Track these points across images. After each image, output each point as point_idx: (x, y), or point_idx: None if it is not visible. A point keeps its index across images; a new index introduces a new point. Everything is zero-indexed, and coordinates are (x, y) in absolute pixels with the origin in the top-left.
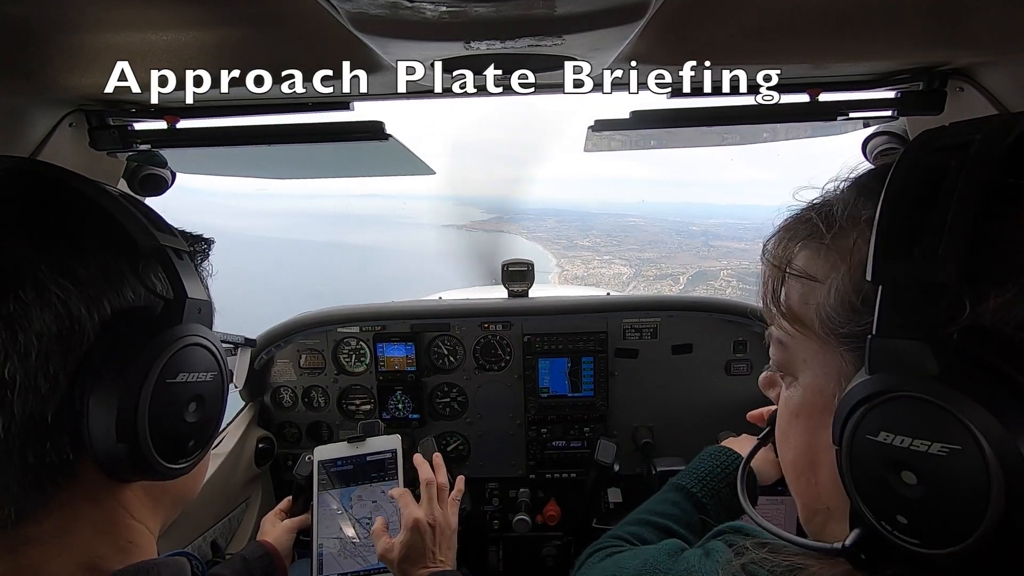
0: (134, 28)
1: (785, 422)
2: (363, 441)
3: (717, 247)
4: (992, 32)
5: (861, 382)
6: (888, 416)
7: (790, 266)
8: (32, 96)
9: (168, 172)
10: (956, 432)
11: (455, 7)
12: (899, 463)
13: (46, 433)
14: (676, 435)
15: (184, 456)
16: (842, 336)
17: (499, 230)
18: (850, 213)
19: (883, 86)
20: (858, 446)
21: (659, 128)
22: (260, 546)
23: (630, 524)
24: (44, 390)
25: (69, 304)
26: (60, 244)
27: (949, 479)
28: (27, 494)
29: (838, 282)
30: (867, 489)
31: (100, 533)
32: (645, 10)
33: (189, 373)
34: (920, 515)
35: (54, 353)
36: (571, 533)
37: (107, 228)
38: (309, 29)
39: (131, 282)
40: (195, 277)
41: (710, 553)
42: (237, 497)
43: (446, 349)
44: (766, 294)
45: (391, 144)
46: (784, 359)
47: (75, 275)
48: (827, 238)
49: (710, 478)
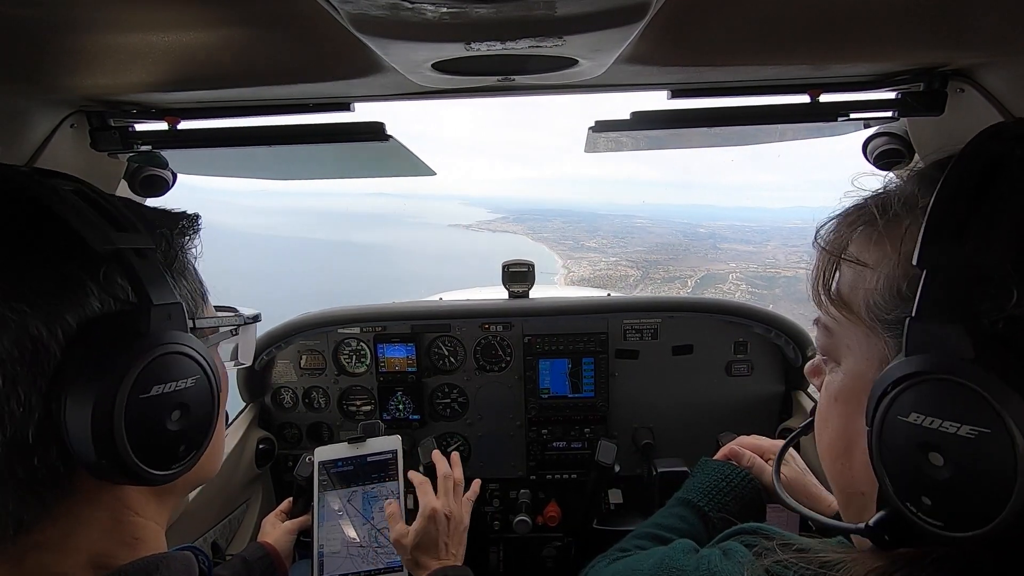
0: (135, 29)
1: (825, 406)
2: (364, 442)
3: (725, 250)
4: (993, 33)
5: (896, 363)
6: (920, 397)
7: (844, 252)
8: (33, 97)
9: (169, 173)
10: (986, 415)
11: (455, 8)
12: (927, 444)
13: (31, 451)
14: (677, 436)
15: (176, 461)
16: (887, 323)
17: (505, 230)
18: (907, 200)
19: (883, 87)
20: (889, 426)
21: (660, 129)
22: (260, 547)
23: (637, 537)
24: (19, 414)
25: (27, 326)
26: (10, 262)
27: (975, 462)
28: (25, 507)
29: (888, 269)
30: (895, 469)
31: (105, 533)
32: (646, 11)
33: (165, 384)
34: (944, 497)
35: (21, 377)
36: (571, 534)
37: (60, 235)
38: (310, 30)
39: (93, 291)
40: (161, 276)
41: (729, 553)
42: (237, 498)
43: (447, 350)
44: (817, 280)
45: (392, 145)
46: (829, 344)
47: (31, 294)
48: (880, 224)
49: (715, 492)
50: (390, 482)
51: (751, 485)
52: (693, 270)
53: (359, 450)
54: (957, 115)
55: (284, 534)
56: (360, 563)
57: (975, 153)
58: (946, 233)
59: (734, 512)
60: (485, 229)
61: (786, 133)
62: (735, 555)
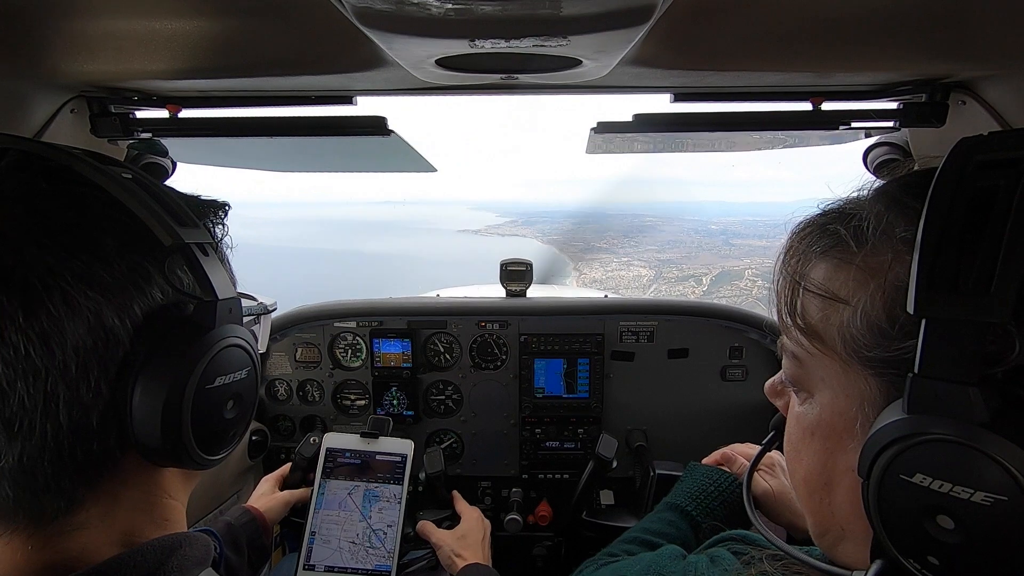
0: (138, 15)
1: (797, 439)
2: (376, 439)
3: (738, 245)
4: (995, 46)
5: (898, 420)
6: (926, 459)
7: (808, 279)
8: (34, 81)
9: (169, 161)
10: (1004, 482)
11: (461, 4)
12: (936, 507)
13: (93, 436)
14: (670, 439)
15: (225, 447)
16: (867, 360)
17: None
18: (883, 230)
19: (885, 97)
20: (889, 484)
21: (662, 132)
22: (246, 511)
23: (625, 542)
24: (87, 400)
25: (101, 315)
26: (82, 250)
27: (993, 529)
28: (76, 487)
29: (866, 303)
30: (896, 527)
31: (139, 512)
32: (651, 13)
33: (226, 375)
34: (955, 559)
35: (92, 365)
36: (562, 533)
37: (128, 225)
38: (313, 22)
39: (158, 282)
40: (222, 270)
41: (716, 560)
42: (228, 489)
43: (442, 347)
44: (781, 305)
45: (393, 140)
46: (799, 375)
47: (102, 283)
48: (857, 256)
49: (704, 497)
50: (395, 485)
51: (740, 490)
52: (708, 267)
53: (370, 446)
54: (958, 126)
55: (279, 504)
56: (349, 559)
57: (956, 182)
58: (944, 280)
59: (722, 518)
60: (495, 233)
61: (786, 140)
62: (722, 562)
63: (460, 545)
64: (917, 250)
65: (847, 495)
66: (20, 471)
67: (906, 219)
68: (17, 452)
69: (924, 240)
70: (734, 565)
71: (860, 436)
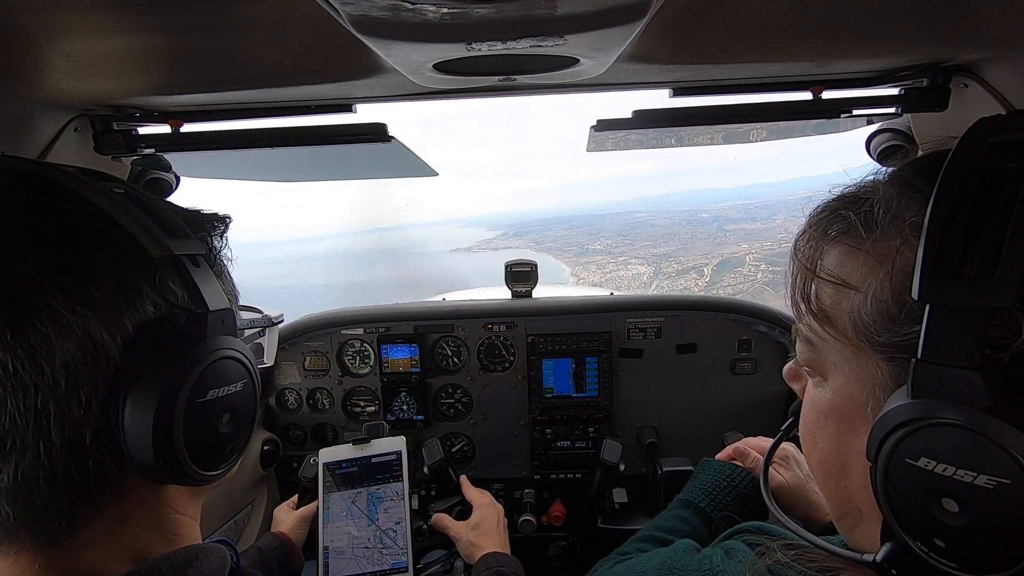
0: (137, 33)
1: (812, 421)
2: (368, 443)
3: (733, 231)
4: (996, 28)
5: (903, 405)
6: (931, 443)
7: (821, 265)
8: (37, 101)
9: (172, 176)
10: (1006, 466)
11: (456, 8)
12: (940, 490)
13: (87, 453)
14: (681, 435)
15: (223, 462)
16: (878, 344)
17: (507, 246)
18: (893, 214)
19: (886, 83)
20: (895, 467)
21: (662, 127)
22: (275, 537)
23: (639, 540)
24: (78, 416)
25: (90, 330)
26: (70, 264)
27: (996, 511)
28: (76, 507)
29: (876, 289)
30: (903, 509)
31: (148, 529)
32: (647, 9)
33: (219, 388)
34: (961, 541)
35: (82, 381)
36: (576, 533)
37: (117, 239)
38: (311, 32)
39: (149, 295)
40: (214, 281)
41: (731, 553)
42: (242, 499)
43: (450, 350)
44: (795, 290)
45: (393, 146)
46: (812, 359)
47: (91, 298)
48: (867, 242)
49: (717, 492)
50: (395, 483)
51: (754, 484)
52: (706, 257)
53: (363, 451)
54: (961, 110)
55: (298, 523)
56: (365, 564)
57: (966, 166)
58: (948, 266)
59: (737, 511)
60: (487, 248)
61: (789, 131)
62: (737, 554)
63: (476, 534)
64: (923, 235)
65: (861, 478)
66: (17, 489)
67: (917, 204)
68: (12, 470)
69: (930, 226)
70: (749, 556)
71: (871, 420)
